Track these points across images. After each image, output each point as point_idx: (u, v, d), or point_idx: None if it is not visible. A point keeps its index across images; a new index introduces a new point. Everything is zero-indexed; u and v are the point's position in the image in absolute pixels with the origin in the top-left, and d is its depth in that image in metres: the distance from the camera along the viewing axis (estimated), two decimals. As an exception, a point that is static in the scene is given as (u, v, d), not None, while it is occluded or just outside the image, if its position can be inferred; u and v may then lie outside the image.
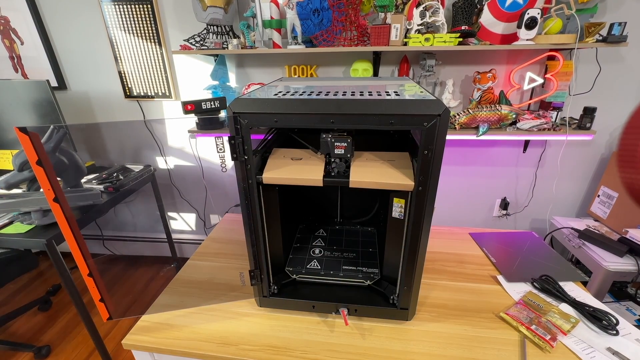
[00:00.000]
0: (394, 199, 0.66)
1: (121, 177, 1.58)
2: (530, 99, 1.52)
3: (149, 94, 1.78)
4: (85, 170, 1.32)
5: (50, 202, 0.58)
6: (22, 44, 1.72)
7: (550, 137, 1.51)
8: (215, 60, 1.57)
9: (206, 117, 1.27)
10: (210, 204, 2.06)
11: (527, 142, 1.68)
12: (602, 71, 1.45)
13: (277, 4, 1.38)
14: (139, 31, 1.63)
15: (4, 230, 1.20)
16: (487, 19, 1.34)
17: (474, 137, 1.47)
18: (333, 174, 0.65)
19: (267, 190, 0.68)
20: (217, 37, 1.48)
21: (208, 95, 1.60)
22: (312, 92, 0.63)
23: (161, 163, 1.98)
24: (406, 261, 0.66)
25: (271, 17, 1.39)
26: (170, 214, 2.13)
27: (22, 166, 1.11)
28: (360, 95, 0.59)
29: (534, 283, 0.84)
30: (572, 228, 1.58)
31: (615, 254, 1.39)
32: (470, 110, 1.43)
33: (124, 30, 1.64)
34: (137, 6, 1.57)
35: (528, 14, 1.23)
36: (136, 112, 1.85)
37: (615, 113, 1.55)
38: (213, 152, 1.91)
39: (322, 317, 0.75)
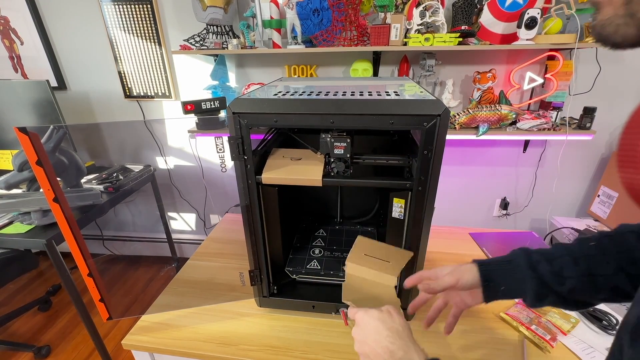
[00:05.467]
0: (394, 199, 0.66)
1: (121, 177, 1.58)
2: (530, 98, 1.52)
3: (149, 94, 1.78)
4: (85, 170, 1.32)
5: (50, 202, 0.58)
6: (22, 44, 1.72)
7: (550, 137, 1.51)
8: (215, 60, 1.57)
9: (206, 117, 1.27)
10: (210, 204, 2.06)
11: (527, 142, 1.67)
12: (602, 71, 1.45)
13: (277, 4, 1.38)
14: (138, 31, 1.63)
15: (4, 230, 1.20)
16: (487, 18, 1.34)
17: (474, 137, 1.47)
18: (332, 174, 0.65)
19: (267, 190, 0.68)
20: (217, 37, 1.47)
21: (208, 95, 1.60)
22: (312, 92, 0.63)
23: (161, 163, 1.97)
24: (406, 261, 0.66)
25: (271, 17, 1.39)
26: (170, 214, 2.13)
27: (22, 166, 1.11)
28: (360, 95, 0.59)
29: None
30: (572, 228, 1.58)
31: (615, 253, 1.39)
32: (470, 110, 1.43)
33: (124, 30, 1.64)
34: (137, 6, 1.57)
35: (528, 13, 1.22)
36: (136, 112, 1.85)
37: (615, 113, 1.55)
38: (213, 152, 1.91)
39: (322, 317, 0.75)
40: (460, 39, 1.32)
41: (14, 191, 1.27)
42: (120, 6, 1.58)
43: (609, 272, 0.41)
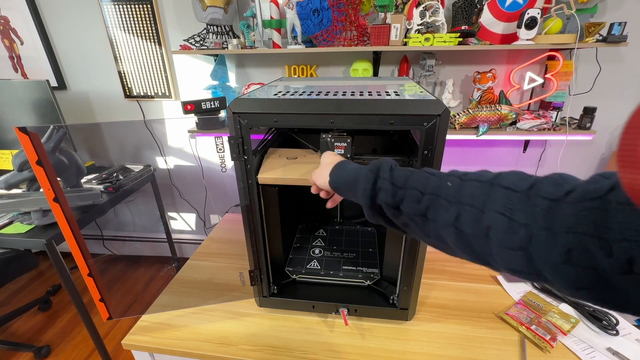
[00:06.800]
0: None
1: (121, 177, 1.58)
2: (530, 99, 1.52)
3: (149, 94, 1.78)
4: (85, 170, 1.32)
5: (50, 202, 0.58)
6: (22, 44, 1.72)
7: (550, 137, 1.51)
8: (215, 60, 1.57)
9: (206, 117, 1.27)
10: (210, 204, 2.06)
11: (527, 142, 1.67)
12: (602, 71, 1.45)
13: (277, 4, 1.38)
14: (139, 31, 1.63)
15: (4, 230, 1.20)
16: (487, 18, 1.34)
17: (474, 137, 1.47)
18: (333, 174, 0.65)
19: (267, 190, 0.68)
20: (217, 37, 1.47)
21: (208, 95, 1.59)
22: (312, 92, 0.63)
23: (161, 163, 1.97)
24: (406, 261, 0.66)
25: (271, 17, 1.39)
26: (170, 214, 2.13)
27: (22, 166, 1.11)
28: (360, 95, 0.59)
29: (534, 283, 0.84)
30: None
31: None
32: (470, 110, 1.43)
33: (124, 30, 1.64)
34: (137, 6, 1.57)
35: (528, 13, 1.22)
36: (136, 112, 1.85)
37: (615, 113, 1.55)
38: (213, 152, 1.90)
39: (322, 317, 0.75)
40: (460, 39, 1.32)
41: (14, 191, 1.27)
42: (120, 6, 1.58)
43: (439, 220, 0.36)
